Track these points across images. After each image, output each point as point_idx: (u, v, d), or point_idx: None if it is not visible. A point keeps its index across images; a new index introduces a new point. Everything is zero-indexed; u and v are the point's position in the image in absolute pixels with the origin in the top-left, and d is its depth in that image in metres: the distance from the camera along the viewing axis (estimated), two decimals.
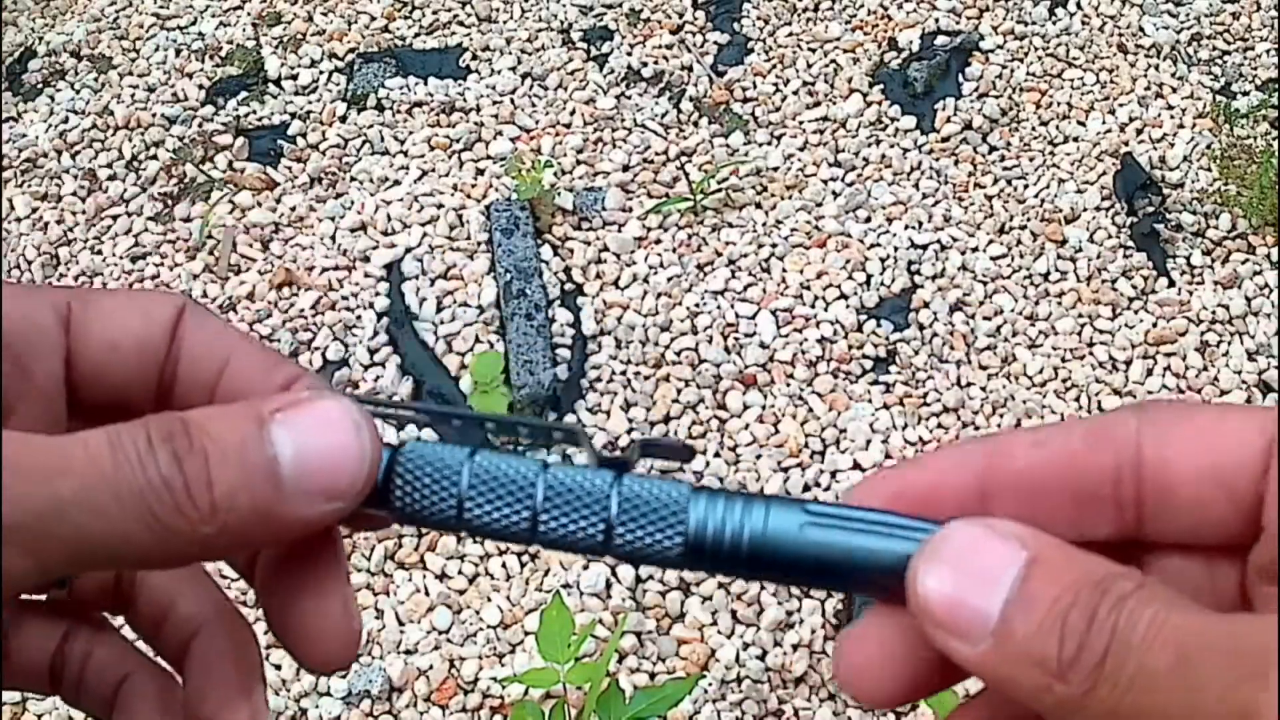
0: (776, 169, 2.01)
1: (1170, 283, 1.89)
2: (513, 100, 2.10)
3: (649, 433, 1.70)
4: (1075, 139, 2.06)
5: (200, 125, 2.09)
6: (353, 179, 2.00)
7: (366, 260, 1.89)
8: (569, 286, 1.86)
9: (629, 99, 2.10)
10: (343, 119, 2.08)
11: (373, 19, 2.23)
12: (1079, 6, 2.24)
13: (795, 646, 1.53)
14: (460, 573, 1.60)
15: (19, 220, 2.00)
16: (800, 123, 2.08)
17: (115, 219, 1.99)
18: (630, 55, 2.16)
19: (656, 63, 2.15)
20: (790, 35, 2.20)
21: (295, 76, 2.15)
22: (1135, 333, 1.83)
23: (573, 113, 2.08)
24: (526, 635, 1.53)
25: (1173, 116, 2.08)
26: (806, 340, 1.80)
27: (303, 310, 1.83)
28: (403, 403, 0.33)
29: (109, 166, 2.05)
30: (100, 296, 0.33)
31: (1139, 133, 2.06)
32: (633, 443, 0.32)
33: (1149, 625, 0.25)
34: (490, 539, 0.31)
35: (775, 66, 2.15)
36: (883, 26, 2.21)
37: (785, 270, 1.88)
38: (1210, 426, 0.29)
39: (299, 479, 0.28)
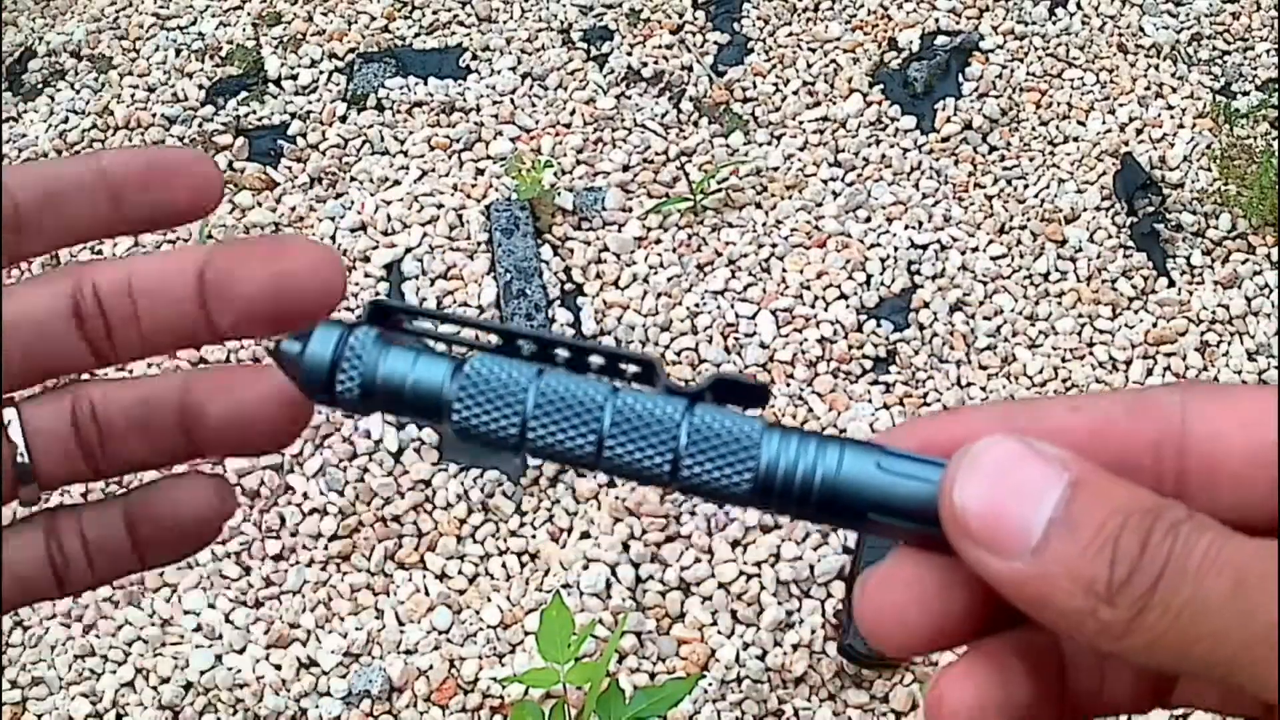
0: (776, 169, 2.01)
1: (1170, 283, 1.89)
2: (513, 100, 2.10)
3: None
4: (1075, 139, 2.06)
5: (200, 125, 2.09)
6: (353, 179, 2.00)
7: (366, 260, 1.89)
8: (569, 286, 1.86)
9: (629, 99, 2.10)
10: (343, 119, 2.09)
11: (373, 19, 2.23)
12: (1079, 6, 2.24)
13: (795, 646, 1.53)
14: (460, 573, 1.60)
15: None
16: (800, 123, 2.08)
17: None
18: (630, 55, 2.16)
19: (656, 63, 2.15)
20: (790, 35, 2.20)
21: (295, 76, 2.15)
22: (1135, 333, 1.83)
23: (573, 113, 2.08)
24: (526, 635, 1.53)
25: (1173, 116, 2.08)
26: (806, 340, 1.80)
27: None
28: (468, 319, 0.32)
29: None
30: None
31: (1139, 133, 2.06)
32: (710, 376, 0.31)
33: (1205, 552, 0.25)
34: (552, 461, 0.30)
35: (775, 66, 2.15)
36: (883, 26, 2.21)
37: (785, 270, 1.88)
38: (1258, 405, 0.28)
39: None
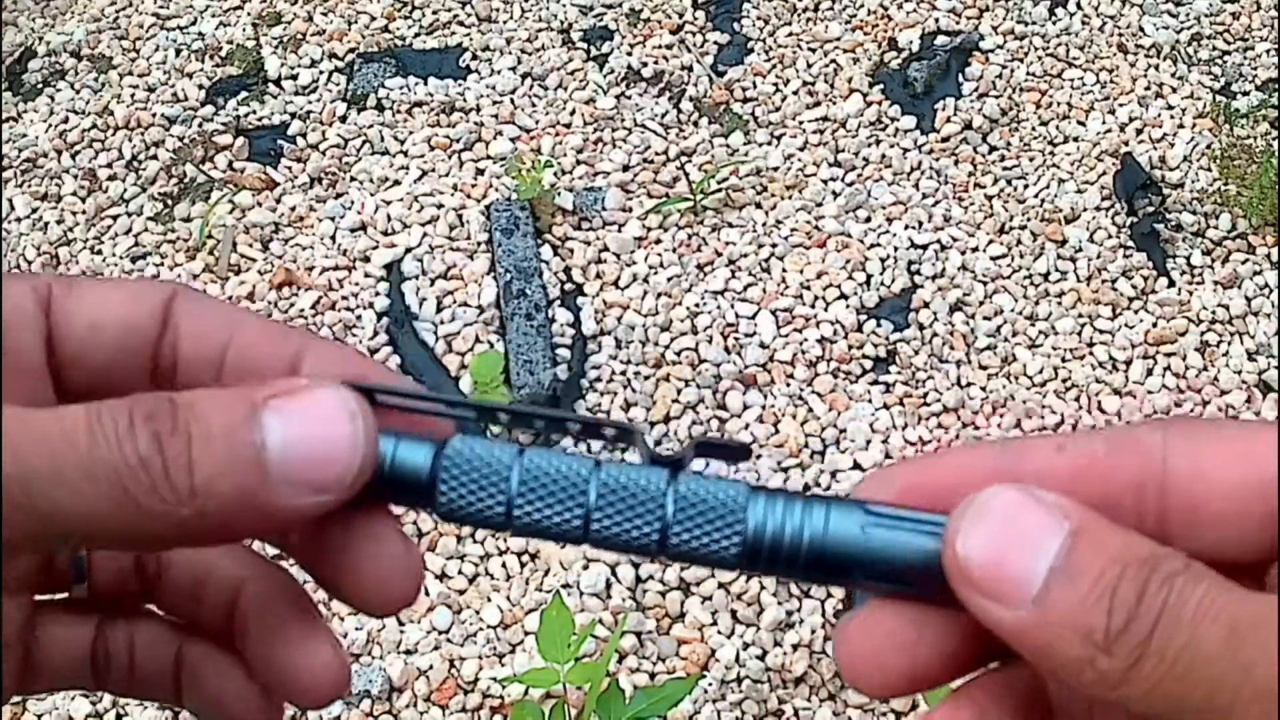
0: (776, 169, 2.01)
1: (1170, 283, 1.89)
2: (513, 100, 2.10)
3: (648, 432, 1.70)
4: (1075, 139, 2.06)
5: (200, 125, 2.09)
6: (353, 179, 2.00)
7: (366, 260, 1.89)
8: (569, 286, 1.86)
9: (629, 99, 2.10)
10: (343, 119, 2.09)
11: (373, 19, 2.23)
12: (1079, 6, 2.24)
13: (795, 646, 1.53)
14: (460, 573, 1.60)
15: (19, 220, 2.00)
16: (800, 123, 2.08)
17: (115, 219, 1.99)
18: (630, 55, 2.16)
19: (656, 63, 2.15)
20: (790, 35, 2.20)
21: (295, 76, 2.15)
22: (1135, 333, 1.83)
23: (573, 113, 2.08)
24: (526, 635, 1.53)
25: (1173, 116, 2.08)
26: (806, 340, 1.80)
27: (303, 310, 1.83)
28: (445, 398, 0.31)
29: (109, 166, 2.05)
30: (86, 282, 0.32)
31: (1139, 133, 2.06)
32: (690, 440, 0.31)
33: (1200, 602, 0.25)
34: (540, 539, 0.30)
35: (775, 66, 2.15)
36: (883, 26, 2.21)
37: (785, 270, 1.88)
38: (1239, 443, 0.28)
39: (286, 468, 0.28)
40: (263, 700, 0.34)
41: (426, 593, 1.58)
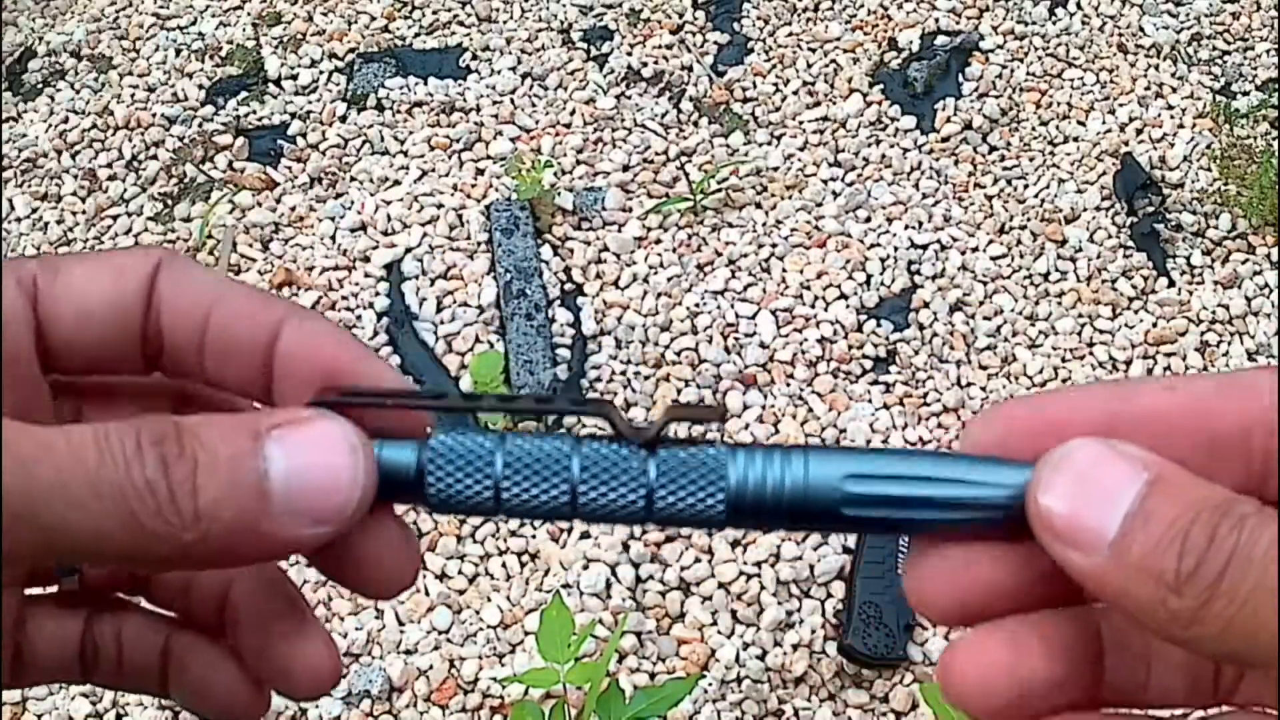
0: (776, 169, 2.01)
1: (1170, 283, 1.89)
2: (513, 100, 2.10)
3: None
4: (1075, 139, 2.06)
5: (200, 125, 2.09)
6: (353, 179, 2.00)
7: (366, 260, 1.89)
8: (569, 286, 1.86)
9: (629, 99, 2.10)
10: (343, 119, 2.09)
11: (373, 19, 2.23)
12: (1079, 6, 2.24)
13: (795, 646, 1.53)
14: (460, 573, 1.60)
15: (19, 220, 2.00)
16: (800, 123, 2.08)
17: (115, 219, 1.99)
18: (630, 55, 2.16)
19: (656, 63, 2.15)
20: (790, 35, 2.20)
21: (295, 76, 2.15)
22: (1135, 333, 1.83)
23: (573, 113, 2.08)
24: (526, 635, 1.53)
25: (1173, 116, 2.08)
26: (806, 340, 1.80)
27: None
28: (424, 394, 0.32)
29: (109, 166, 2.05)
30: (69, 263, 0.32)
31: (1139, 133, 2.06)
32: (666, 410, 0.32)
33: (1269, 544, 0.26)
34: (530, 519, 0.31)
35: (775, 66, 2.16)
36: (883, 26, 2.21)
37: (785, 270, 1.88)
38: None
39: (287, 498, 0.28)
40: (249, 690, 0.34)
41: (426, 593, 1.58)
